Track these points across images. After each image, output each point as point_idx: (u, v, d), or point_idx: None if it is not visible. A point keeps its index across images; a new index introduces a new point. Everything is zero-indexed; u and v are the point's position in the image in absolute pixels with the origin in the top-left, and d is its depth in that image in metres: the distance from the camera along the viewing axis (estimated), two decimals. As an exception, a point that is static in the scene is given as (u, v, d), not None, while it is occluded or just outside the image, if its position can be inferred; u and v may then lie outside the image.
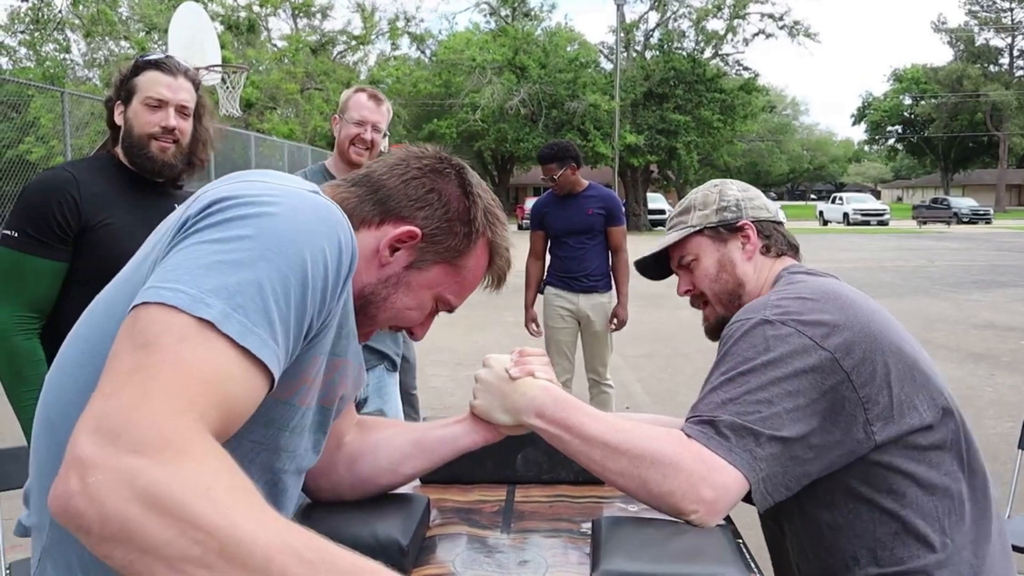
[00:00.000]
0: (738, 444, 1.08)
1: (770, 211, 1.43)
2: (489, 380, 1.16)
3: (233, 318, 0.70)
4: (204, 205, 0.79)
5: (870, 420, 1.13)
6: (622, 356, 6.32)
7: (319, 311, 0.81)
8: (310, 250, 0.77)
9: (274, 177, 0.88)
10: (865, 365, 1.14)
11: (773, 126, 57.03)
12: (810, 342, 1.13)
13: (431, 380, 6.18)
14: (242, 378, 0.71)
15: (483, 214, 1.02)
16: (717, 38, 31.12)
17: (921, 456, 1.16)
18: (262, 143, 16.18)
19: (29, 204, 1.85)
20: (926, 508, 1.15)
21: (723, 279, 1.39)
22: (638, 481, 1.09)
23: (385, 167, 1.01)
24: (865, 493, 1.16)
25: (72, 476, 0.60)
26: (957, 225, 33.44)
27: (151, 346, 0.67)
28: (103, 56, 26.82)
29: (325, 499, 1.16)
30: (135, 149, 1.92)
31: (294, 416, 0.92)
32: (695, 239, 1.41)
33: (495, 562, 1.07)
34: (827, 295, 1.20)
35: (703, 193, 1.45)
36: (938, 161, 54.45)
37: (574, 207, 4.14)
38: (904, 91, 53.98)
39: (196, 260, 0.73)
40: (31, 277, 1.83)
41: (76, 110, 10.85)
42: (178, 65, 1.95)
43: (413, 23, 34.23)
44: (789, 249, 1.42)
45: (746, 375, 1.13)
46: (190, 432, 0.63)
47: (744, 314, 1.22)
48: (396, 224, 0.98)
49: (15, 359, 1.83)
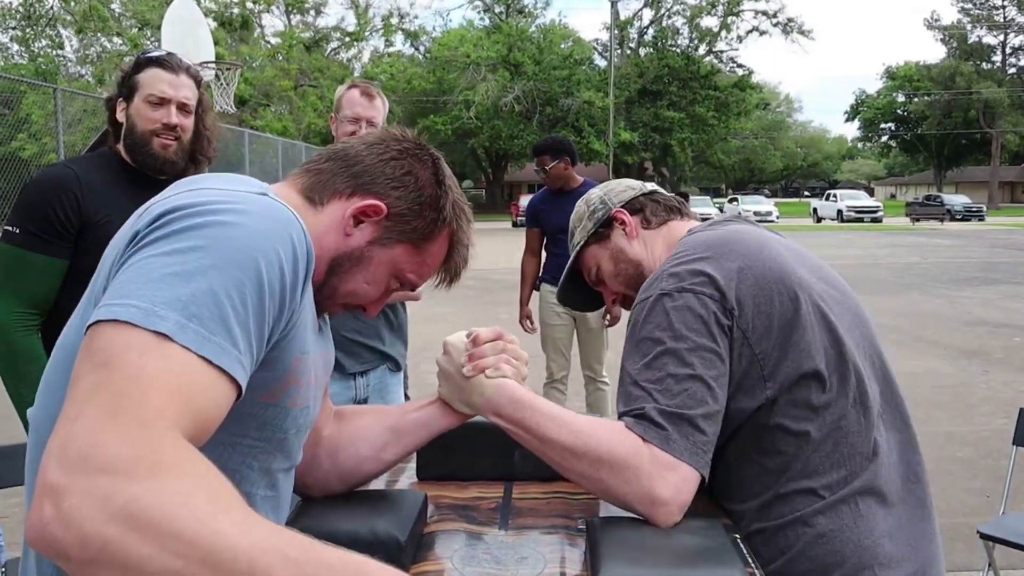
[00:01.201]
0: (677, 434, 1.06)
1: (635, 188, 1.44)
2: (448, 371, 1.15)
3: (189, 328, 0.70)
4: (153, 217, 0.79)
5: (765, 376, 1.12)
6: (617, 353, 6.30)
7: (280, 312, 0.81)
8: (263, 253, 0.78)
9: (222, 182, 0.88)
10: (760, 319, 1.12)
11: (767, 123, 57.14)
12: (709, 301, 1.12)
13: (427, 377, 6.17)
14: (208, 385, 0.71)
15: (452, 206, 1.03)
16: (711, 35, 31.20)
17: (810, 413, 1.13)
18: (256, 140, 16.12)
19: (31, 201, 1.85)
20: (810, 462, 1.13)
21: (622, 270, 1.39)
22: (598, 484, 1.09)
23: (363, 145, 1.02)
24: (752, 455, 1.15)
25: (45, 504, 0.59)
26: (950, 222, 33.55)
27: (110, 364, 0.67)
28: (95, 52, 26.70)
29: (314, 495, 1.16)
30: (137, 146, 1.92)
31: (287, 417, 0.92)
32: (587, 252, 1.43)
33: (493, 558, 1.07)
34: (723, 246, 1.18)
35: (576, 212, 1.47)
36: (931, 158, 54.62)
37: (569, 204, 4.06)
38: (897, 88, 54.12)
39: (148, 273, 0.73)
40: (32, 273, 1.84)
41: (68, 106, 10.80)
42: (180, 62, 1.96)
43: (407, 20, 34.23)
44: (671, 212, 1.41)
45: (659, 358, 1.11)
46: (162, 443, 0.63)
47: (644, 291, 1.20)
48: (365, 197, 0.98)
49: (14, 355, 1.84)
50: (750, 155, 52.38)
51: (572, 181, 4.16)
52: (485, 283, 12.61)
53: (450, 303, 10.28)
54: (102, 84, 24.32)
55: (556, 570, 1.04)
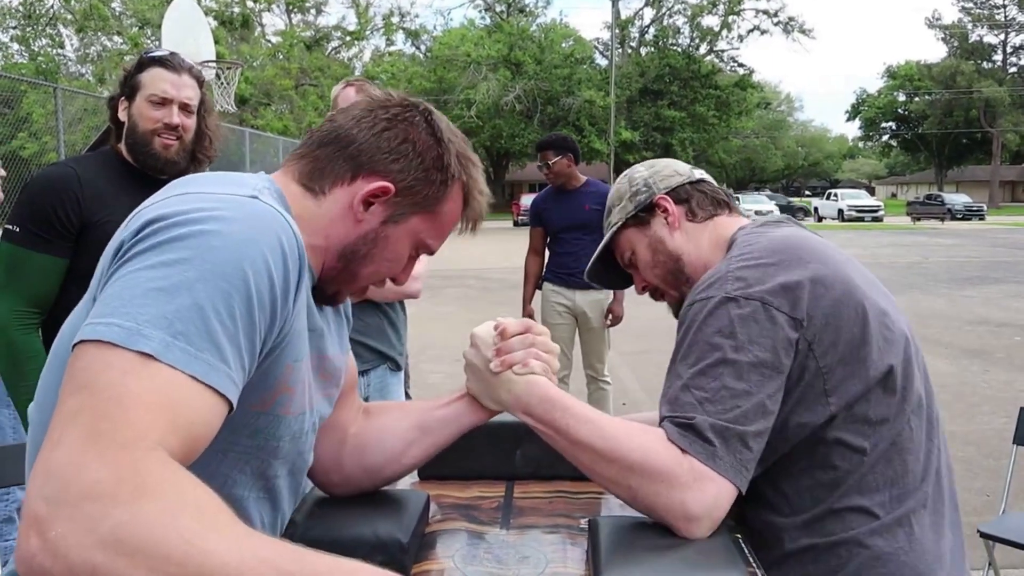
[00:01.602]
0: (724, 449, 1.02)
1: (682, 174, 1.36)
2: (475, 365, 1.11)
3: (175, 347, 0.68)
4: (137, 227, 0.77)
5: (828, 391, 1.08)
6: (618, 353, 6.32)
7: (271, 322, 0.79)
8: (250, 262, 0.75)
9: (211, 185, 0.84)
10: (828, 332, 1.08)
11: (768, 122, 57.11)
12: (778, 313, 1.07)
13: (428, 377, 6.17)
14: (195, 403, 0.69)
15: (457, 159, 0.99)
16: (712, 34, 31.18)
17: (869, 429, 1.10)
18: (256, 139, 16.12)
19: (32, 200, 1.85)
20: (865, 480, 1.10)
21: (660, 260, 1.33)
22: (627, 491, 1.04)
23: (351, 120, 0.96)
24: (807, 468, 1.12)
25: (31, 535, 0.58)
26: (951, 221, 33.52)
27: (93, 385, 0.65)
28: (96, 52, 26.70)
29: (339, 492, 1.15)
30: (139, 146, 1.92)
31: (280, 425, 0.90)
32: (623, 235, 1.36)
33: (495, 558, 1.06)
34: (788, 252, 1.13)
35: (616, 188, 1.40)
36: (932, 157, 54.55)
37: (572, 203, 4.13)
38: (898, 88, 54.05)
39: (131, 289, 0.71)
40: (32, 272, 1.84)
41: (69, 106, 10.80)
42: (182, 62, 1.96)
43: (408, 19, 34.28)
44: (718, 207, 1.33)
45: (717, 366, 1.05)
46: (144, 464, 0.61)
47: (703, 291, 1.13)
48: (369, 179, 0.95)
49: (14, 354, 1.84)
50: (751, 154, 52.37)
51: (575, 179, 4.15)
52: (486, 282, 12.60)
53: (451, 302, 10.27)
54: (102, 83, 24.32)
55: (558, 569, 1.03)
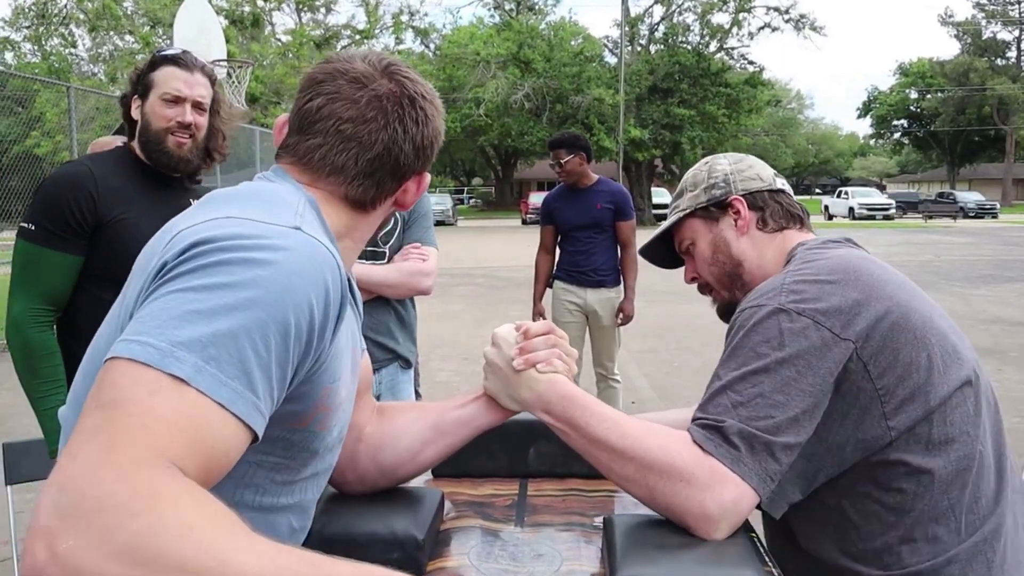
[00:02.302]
0: (749, 456, 1.00)
1: (764, 180, 1.33)
2: (496, 364, 1.11)
3: (206, 372, 0.68)
4: (182, 248, 0.76)
5: (887, 414, 1.06)
6: (627, 351, 6.31)
7: (304, 354, 0.78)
8: (291, 295, 0.75)
9: (255, 208, 0.84)
10: (885, 354, 1.06)
11: (778, 120, 56.91)
12: (829, 334, 1.05)
13: (437, 375, 6.18)
14: (219, 430, 0.68)
15: (438, 120, 1.00)
16: (722, 32, 31.04)
17: (936, 450, 1.08)
18: (266, 138, 16.15)
19: (47, 197, 1.86)
20: (938, 506, 1.08)
21: (719, 261, 1.31)
22: (645, 490, 1.03)
23: (383, 139, 0.94)
24: (873, 492, 1.10)
25: (38, 548, 0.56)
26: (963, 219, 33.31)
27: (119, 403, 0.65)
28: (108, 51, 26.83)
29: (352, 491, 1.15)
30: (152, 144, 1.93)
31: (315, 439, 0.91)
32: (688, 223, 1.35)
33: (510, 555, 1.07)
34: (847, 273, 1.11)
35: (694, 172, 1.38)
36: (944, 155, 54.19)
37: (583, 201, 4.13)
38: (910, 85, 53.71)
39: (170, 310, 0.70)
40: (47, 270, 1.85)
41: (81, 105, 10.87)
42: (195, 60, 1.97)
43: (417, 17, 34.21)
44: (790, 221, 1.31)
45: (759, 374, 1.04)
46: (161, 479, 0.60)
47: (756, 299, 1.12)
48: (407, 180, 0.99)
49: (29, 352, 1.85)
50: (761, 152, 52.10)
51: (587, 178, 4.14)
52: (494, 280, 12.60)
53: (459, 300, 10.28)
54: (114, 82, 24.42)
55: (573, 567, 1.03)
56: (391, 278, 2.30)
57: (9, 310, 1.86)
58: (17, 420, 4.68)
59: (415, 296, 2.57)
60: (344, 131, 0.93)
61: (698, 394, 1.16)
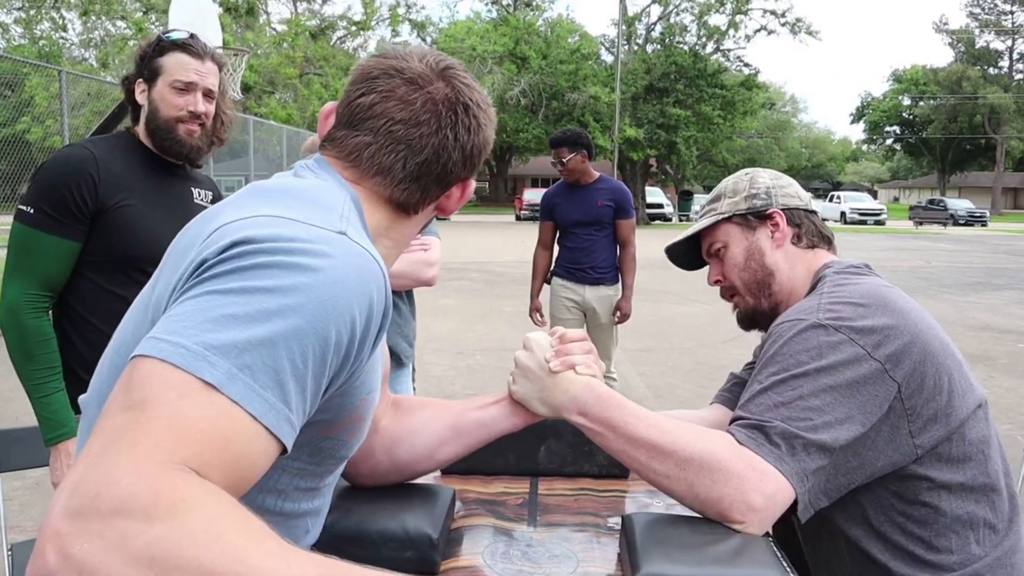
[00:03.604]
0: (789, 454, 1.05)
1: (802, 200, 1.40)
2: (529, 367, 1.11)
3: (239, 379, 0.64)
4: (223, 247, 0.72)
5: (913, 432, 1.12)
6: (623, 349, 6.30)
7: (341, 369, 0.75)
8: (334, 306, 0.71)
9: (299, 207, 0.79)
10: (915, 376, 1.12)
11: (772, 123, 57.02)
12: (862, 351, 1.11)
13: (431, 369, 6.15)
14: (248, 442, 0.65)
15: (490, 130, 0.97)
16: (719, 33, 31.05)
17: (956, 467, 1.14)
18: (260, 127, 16.07)
19: (47, 180, 1.80)
20: (960, 518, 1.14)
21: (751, 268, 1.36)
22: (684, 485, 1.05)
23: (433, 144, 0.91)
24: (897, 505, 1.15)
25: (48, 551, 0.53)
26: (953, 227, 33.52)
27: (146, 403, 0.61)
28: (99, 36, 26.62)
29: (364, 484, 1.14)
30: (162, 132, 1.88)
31: (343, 447, 0.89)
32: (724, 226, 1.39)
33: (524, 555, 1.04)
34: (877, 300, 1.17)
35: (734, 180, 1.43)
36: (935, 162, 54.54)
37: (583, 198, 4.10)
38: (903, 91, 54.01)
39: (205, 312, 0.67)
40: (44, 255, 1.80)
41: (72, 90, 10.74)
42: (204, 47, 1.91)
43: (414, 10, 34.12)
44: (821, 241, 1.38)
45: (798, 379, 1.10)
46: (184, 483, 0.57)
47: (796, 314, 1.19)
48: (452, 186, 0.96)
49: (24, 337, 1.80)
50: (755, 155, 52.22)
51: (588, 175, 4.12)
52: (489, 276, 12.58)
53: (454, 295, 10.25)
54: (105, 68, 24.25)
55: (589, 569, 1.02)
56: (394, 268, 2.27)
57: (4, 295, 1.81)
58: (4, 407, 4.61)
59: (415, 288, 2.53)
60: (395, 132, 0.90)
61: (692, 394, 1.19)
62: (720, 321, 7.90)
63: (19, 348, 1.81)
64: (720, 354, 6.89)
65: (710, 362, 6.57)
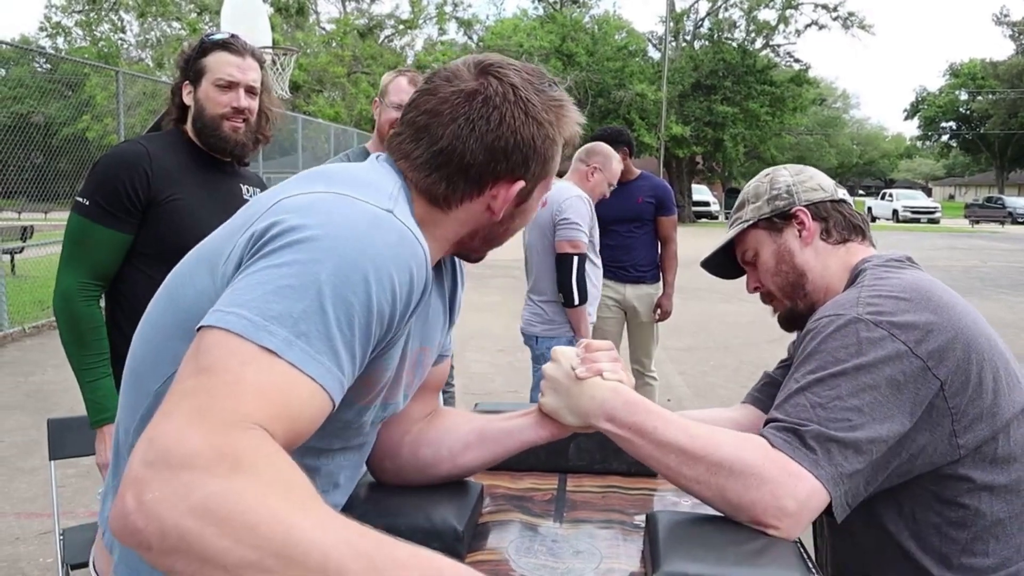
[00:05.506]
0: (824, 458, 1.02)
1: (826, 190, 1.36)
2: (556, 378, 1.10)
3: (296, 345, 0.72)
4: (275, 222, 0.79)
5: (956, 432, 1.09)
6: (664, 348, 6.25)
7: (385, 334, 0.82)
8: (377, 278, 0.78)
9: (351, 186, 0.85)
10: (959, 374, 1.08)
11: (822, 119, 55.91)
12: (904, 348, 1.07)
13: (472, 366, 6.19)
14: (306, 399, 0.72)
15: (547, 113, 0.96)
16: (768, 29, 30.58)
17: (1000, 468, 1.12)
18: (308, 125, 16.33)
19: (102, 174, 1.90)
20: (1001, 521, 1.12)
21: (783, 271, 1.33)
22: (715, 489, 1.03)
23: (448, 134, 0.93)
24: (935, 505, 1.13)
25: (128, 495, 0.61)
26: (1011, 225, 32.47)
27: (212, 369, 0.69)
28: (155, 37, 27.30)
29: (387, 481, 1.16)
30: (208, 130, 1.97)
31: (367, 411, 0.94)
32: (751, 234, 1.37)
33: (549, 551, 1.06)
34: (919, 294, 1.14)
35: (755, 185, 1.40)
36: (993, 159, 52.86)
37: (624, 195, 4.08)
38: (960, 86, 52.45)
39: (263, 284, 0.74)
40: (98, 245, 1.89)
41: (129, 89, 11.06)
42: (245, 45, 2.00)
43: (461, 8, 34.28)
44: (853, 233, 1.33)
45: (836, 378, 1.07)
46: (244, 442, 0.64)
47: (834, 309, 1.15)
48: (496, 186, 0.96)
49: (77, 325, 1.90)
50: (804, 151, 51.24)
51: (629, 173, 4.11)
52: (531, 274, 12.58)
53: (496, 292, 10.28)
54: (161, 68, 24.87)
55: (612, 565, 1.02)
56: None
57: (59, 283, 1.91)
58: (60, 396, 4.78)
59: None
60: (418, 122, 0.96)
61: (734, 393, 1.17)
62: (764, 320, 7.77)
63: (71, 334, 1.90)
64: (764, 354, 6.79)
65: (754, 361, 6.48)
